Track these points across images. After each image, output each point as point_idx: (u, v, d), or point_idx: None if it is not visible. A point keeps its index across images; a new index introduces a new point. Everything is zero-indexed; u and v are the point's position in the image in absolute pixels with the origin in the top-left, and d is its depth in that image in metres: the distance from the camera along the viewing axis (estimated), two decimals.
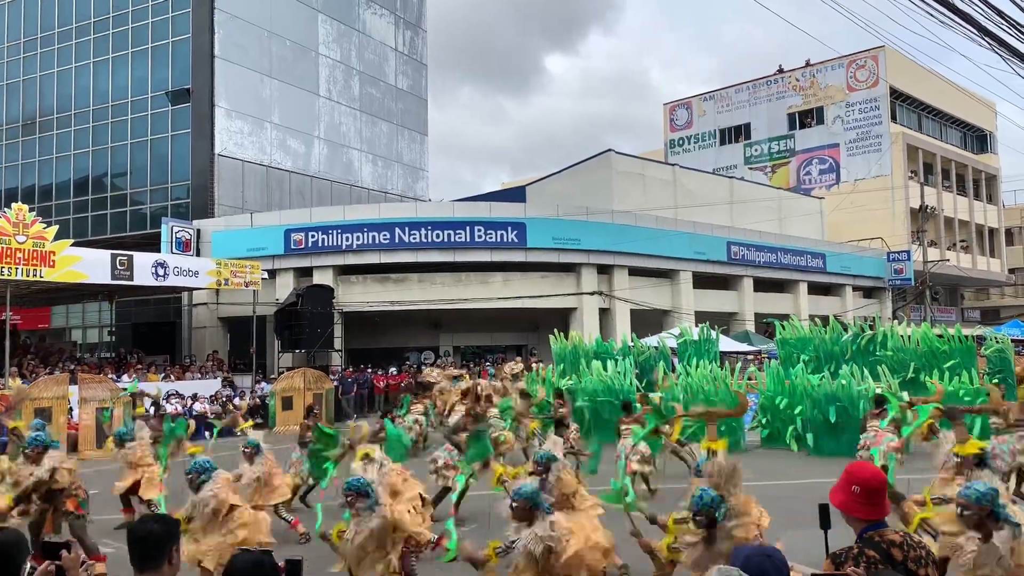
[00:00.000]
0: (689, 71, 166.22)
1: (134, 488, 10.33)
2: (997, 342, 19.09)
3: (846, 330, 19.36)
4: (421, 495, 7.61)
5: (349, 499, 6.28)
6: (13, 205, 19.44)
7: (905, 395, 12.74)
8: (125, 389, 11.12)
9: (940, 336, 18.01)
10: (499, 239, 29.11)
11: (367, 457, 8.79)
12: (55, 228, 20.34)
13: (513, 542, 5.52)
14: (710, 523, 4.99)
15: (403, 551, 6.57)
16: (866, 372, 16.24)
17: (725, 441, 8.07)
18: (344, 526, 6.66)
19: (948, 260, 45.86)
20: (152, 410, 13.66)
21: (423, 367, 29.55)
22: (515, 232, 29.20)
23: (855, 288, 42.35)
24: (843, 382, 15.66)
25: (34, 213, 19.93)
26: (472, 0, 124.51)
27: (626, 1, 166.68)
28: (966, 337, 17.89)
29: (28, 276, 19.18)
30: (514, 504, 5.53)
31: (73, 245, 20.88)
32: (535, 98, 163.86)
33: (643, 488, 11.22)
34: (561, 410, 13.27)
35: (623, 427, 11.93)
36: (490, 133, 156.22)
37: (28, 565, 3.16)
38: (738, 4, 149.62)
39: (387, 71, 41.52)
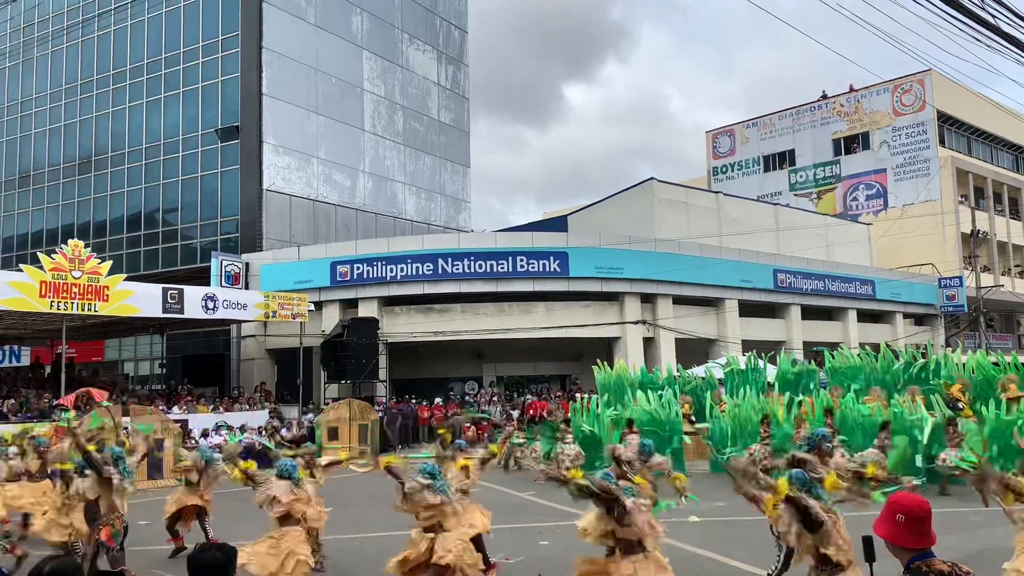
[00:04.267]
0: (708, 97, 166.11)
1: (180, 515, 10.49)
2: None
3: (897, 358, 18.98)
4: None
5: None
6: (70, 241, 20.00)
7: None
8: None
9: (996, 364, 17.55)
10: (541, 269, 29.14)
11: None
12: (109, 263, 20.84)
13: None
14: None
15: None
16: (919, 401, 15.86)
17: None
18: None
19: (1003, 286, 44.72)
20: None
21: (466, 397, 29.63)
22: (557, 261, 29.22)
23: (906, 315, 41.45)
24: (895, 411, 15.31)
25: (89, 249, 20.53)
26: (487, 31, 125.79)
27: (640, 30, 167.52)
28: (1023, 364, 17.40)
29: (83, 310, 19.71)
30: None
31: (126, 280, 21.41)
32: (555, 127, 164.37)
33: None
34: None
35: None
36: (511, 162, 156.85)
37: None
38: (750, 28, 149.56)
39: (430, 105, 42.11)
